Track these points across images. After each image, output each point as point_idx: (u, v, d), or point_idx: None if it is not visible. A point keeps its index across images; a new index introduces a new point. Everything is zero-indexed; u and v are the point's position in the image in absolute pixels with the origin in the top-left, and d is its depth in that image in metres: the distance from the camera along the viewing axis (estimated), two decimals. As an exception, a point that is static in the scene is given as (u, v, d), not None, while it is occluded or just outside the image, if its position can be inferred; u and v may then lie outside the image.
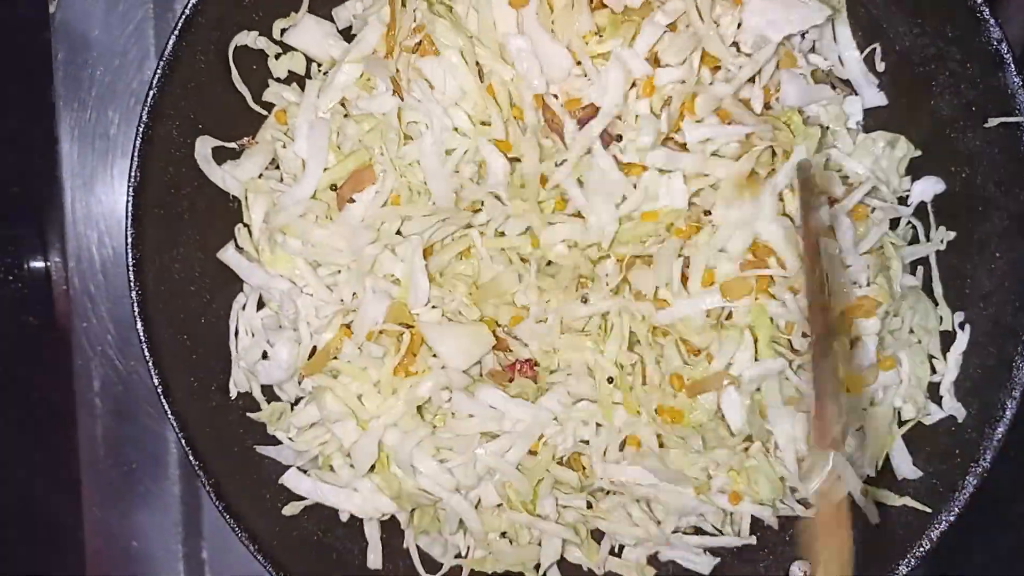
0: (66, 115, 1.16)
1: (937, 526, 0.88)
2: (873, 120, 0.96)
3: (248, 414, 0.97)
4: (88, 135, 1.17)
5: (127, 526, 1.17)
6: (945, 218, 0.93)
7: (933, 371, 0.93)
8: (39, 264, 1.19)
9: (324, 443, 0.95)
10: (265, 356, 0.96)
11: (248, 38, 0.94)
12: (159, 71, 0.88)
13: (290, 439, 0.97)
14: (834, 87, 0.95)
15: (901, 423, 0.94)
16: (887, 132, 0.94)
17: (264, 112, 0.97)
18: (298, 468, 0.96)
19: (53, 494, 1.23)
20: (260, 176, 0.96)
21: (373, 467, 0.94)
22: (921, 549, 0.88)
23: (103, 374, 1.17)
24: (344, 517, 0.97)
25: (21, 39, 1.21)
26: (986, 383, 0.89)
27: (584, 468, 0.95)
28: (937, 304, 0.94)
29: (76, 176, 1.16)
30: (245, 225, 0.96)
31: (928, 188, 0.92)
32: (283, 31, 0.97)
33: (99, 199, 1.16)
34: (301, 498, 0.96)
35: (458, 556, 0.99)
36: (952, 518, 0.88)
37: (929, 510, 0.89)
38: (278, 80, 0.98)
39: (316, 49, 0.97)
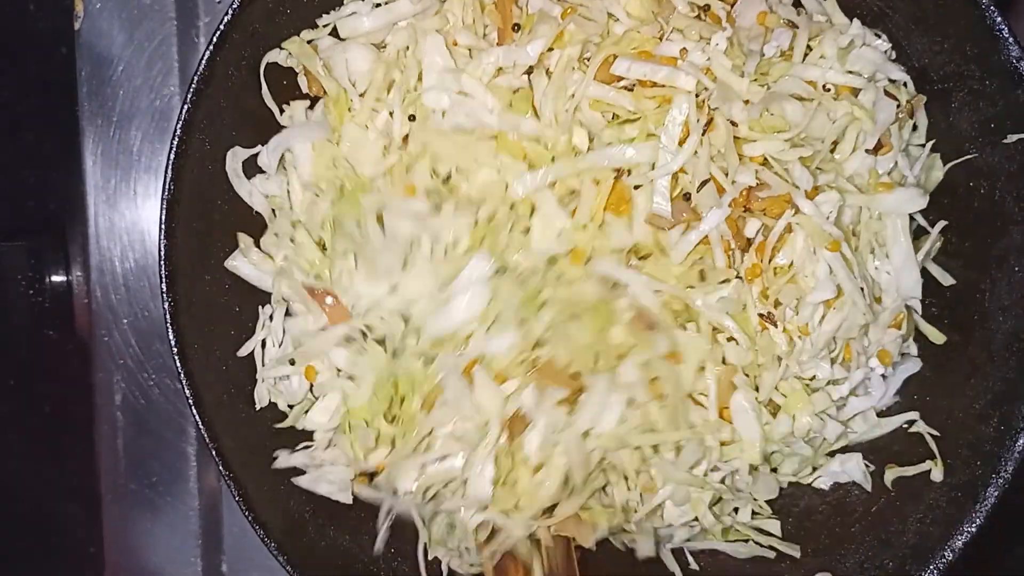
0: (89, 131, 1.18)
1: (959, 536, 0.89)
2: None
3: (275, 425, 0.98)
4: (111, 150, 1.18)
5: (147, 540, 1.17)
6: (964, 233, 0.95)
7: None
8: (61, 278, 1.20)
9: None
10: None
11: (279, 56, 0.96)
12: (193, 85, 0.89)
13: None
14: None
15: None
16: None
17: (293, 127, 0.98)
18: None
19: (73, 507, 1.23)
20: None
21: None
22: (943, 559, 0.89)
23: (124, 388, 1.17)
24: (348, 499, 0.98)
25: (45, 56, 1.22)
26: (1007, 395, 0.90)
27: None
28: None
29: (99, 191, 1.17)
30: (275, 234, 0.98)
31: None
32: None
33: (122, 214, 1.18)
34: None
35: (472, 565, 1.00)
36: (974, 528, 0.88)
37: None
38: (306, 96, 0.99)
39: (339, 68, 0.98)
